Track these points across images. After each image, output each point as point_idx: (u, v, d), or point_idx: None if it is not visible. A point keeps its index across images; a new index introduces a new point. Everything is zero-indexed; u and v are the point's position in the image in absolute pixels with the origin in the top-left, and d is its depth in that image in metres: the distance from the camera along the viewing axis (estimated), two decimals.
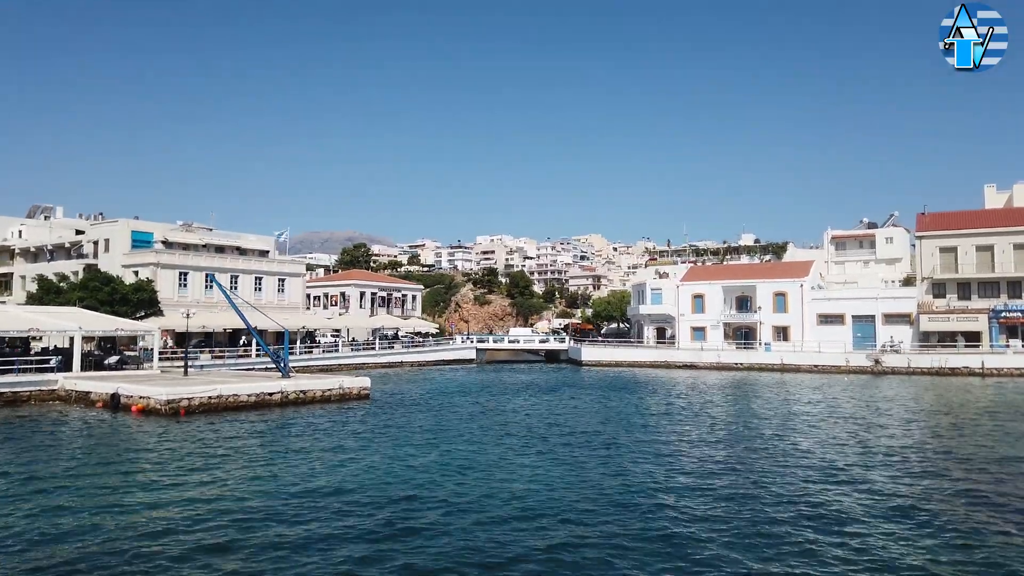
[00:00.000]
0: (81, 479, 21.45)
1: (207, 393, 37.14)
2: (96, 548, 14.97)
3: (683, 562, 14.45)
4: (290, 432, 31.28)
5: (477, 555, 14.86)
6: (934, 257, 74.49)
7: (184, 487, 20.59)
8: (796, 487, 20.91)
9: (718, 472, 23.09)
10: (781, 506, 18.67)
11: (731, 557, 14.64)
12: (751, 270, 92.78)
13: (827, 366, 70.25)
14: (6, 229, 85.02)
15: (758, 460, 25.21)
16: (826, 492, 20.23)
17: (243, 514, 17.73)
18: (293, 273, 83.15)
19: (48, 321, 44.91)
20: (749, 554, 14.85)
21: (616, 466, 24.01)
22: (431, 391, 51.36)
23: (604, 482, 21.48)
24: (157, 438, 29.10)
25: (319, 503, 18.91)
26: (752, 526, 16.78)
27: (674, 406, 42.38)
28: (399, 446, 27.89)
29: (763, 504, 18.84)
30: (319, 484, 21.08)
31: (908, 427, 34.22)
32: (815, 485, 21.17)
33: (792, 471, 23.27)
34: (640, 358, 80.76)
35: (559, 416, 37.56)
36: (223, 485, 21.00)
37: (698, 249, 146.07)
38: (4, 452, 25.75)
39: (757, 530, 16.38)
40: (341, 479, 21.80)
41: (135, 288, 57.52)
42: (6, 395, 39.75)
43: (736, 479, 22.01)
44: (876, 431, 32.57)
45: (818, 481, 21.76)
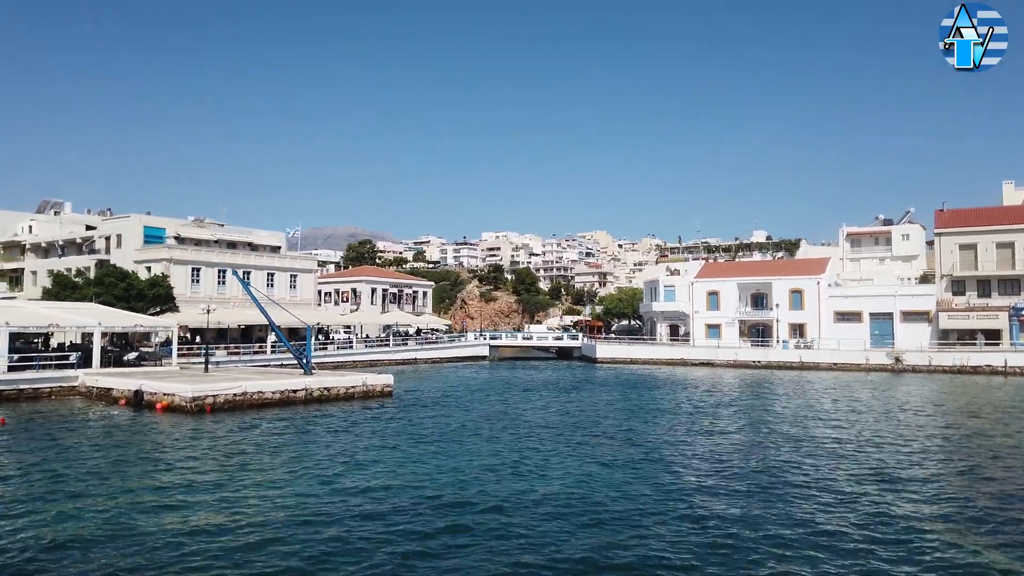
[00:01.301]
0: (122, 479, 20.86)
1: (232, 390, 36.57)
2: (160, 549, 14.42)
3: (732, 564, 13.95)
4: (326, 430, 30.70)
5: (533, 554, 14.41)
6: (953, 254, 73.80)
7: (235, 486, 20.01)
8: (850, 489, 20.31)
9: (766, 471, 22.49)
10: (837, 508, 18.10)
11: (786, 556, 14.07)
12: (767, 267, 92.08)
13: (846, 364, 69.57)
14: (16, 224, 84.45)
15: (805, 460, 24.61)
16: (881, 495, 19.60)
17: (306, 513, 17.26)
18: (305, 269, 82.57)
19: (67, 317, 44.33)
20: (808, 561, 14.27)
21: (659, 467, 23.42)
22: (452, 389, 50.78)
23: (650, 482, 20.89)
24: (191, 436, 28.50)
25: (369, 502, 18.34)
26: (813, 534, 16.13)
27: (704, 404, 41.77)
28: (440, 446, 27.28)
29: (819, 507, 18.25)
30: (369, 483, 20.51)
31: (950, 426, 33.61)
32: (869, 487, 20.58)
33: (841, 471, 22.68)
34: (655, 355, 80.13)
35: (590, 415, 36.95)
36: (276, 486, 20.41)
37: (710, 246, 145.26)
38: (36, 452, 25.17)
39: (818, 541, 15.55)
40: (390, 478, 21.22)
41: (150, 284, 56.97)
42: (26, 391, 39.25)
43: (787, 480, 21.41)
44: (919, 430, 31.97)
45: (870, 482, 21.18)
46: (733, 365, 73.89)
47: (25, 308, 46.07)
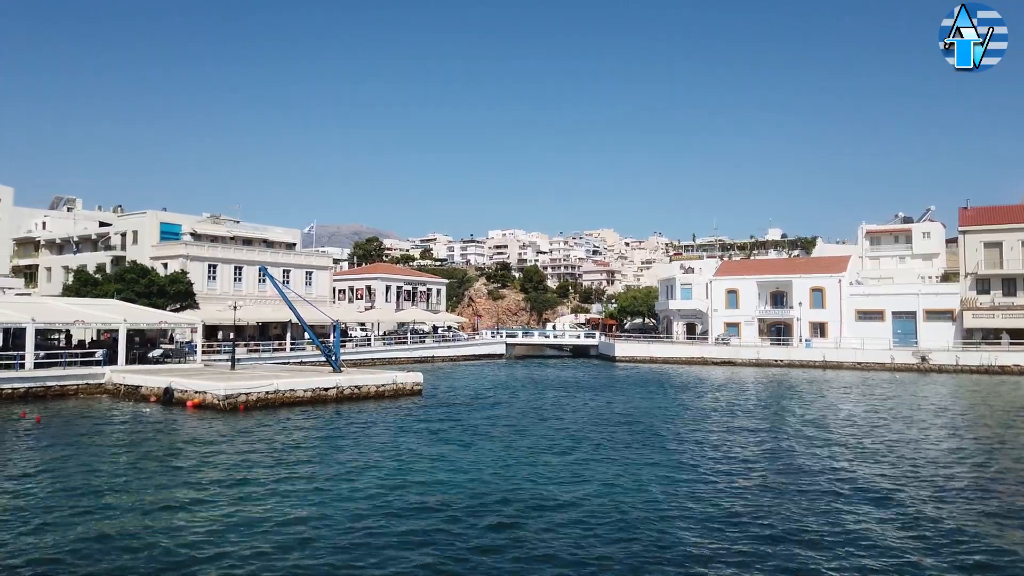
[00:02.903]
0: (175, 477, 20.20)
1: (264, 388, 35.91)
2: (233, 548, 13.75)
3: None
4: (368, 428, 30.02)
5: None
6: (978, 252, 72.93)
7: (300, 485, 19.34)
8: (903, 495, 19.60)
9: (817, 472, 21.79)
10: (893, 512, 17.40)
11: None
12: (787, 265, 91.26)
13: (870, 363, 68.82)
14: (29, 221, 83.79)
15: (858, 466, 23.90)
16: (940, 505, 18.88)
17: (375, 512, 16.61)
18: (320, 266, 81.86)
19: (93, 313, 43.66)
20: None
21: (706, 469, 22.73)
22: (480, 387, 50.09)
23: (709, 483, 20.21)
24: (235, 434, 27.80)
25: (435, 501, 17.68)
26: (871, 548, 15.45)
27: (738, 406, 41.07)
28: (491, 446, 26.58)
29: (876, 517, 17.53)
30: (433, 480, 19.85)
31: (997, 429, 32.89)
32: (920, 493, 19.88)
33: (890, 474, 21.98)
34: (675, 354, 79.39)
35: (630, 415, 36.25)
36: (338, 484, 19.74)
37: (725, 244, 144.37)
38: (79, 450, 24.49)
39: (878, 560, 14.94)
40: (437, 480, 20.55)
41: (171, 280, 56.23)
42: (53, 388, 38.62)
43: (844, 485, 20.71)
44: (967, 432, 31.26)
45: (922, 486, 20.48)
46: (755, 364, 73.13)
47: (49, 304, 45.43)
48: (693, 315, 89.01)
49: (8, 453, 23.83)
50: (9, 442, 25.90)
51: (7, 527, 15.56)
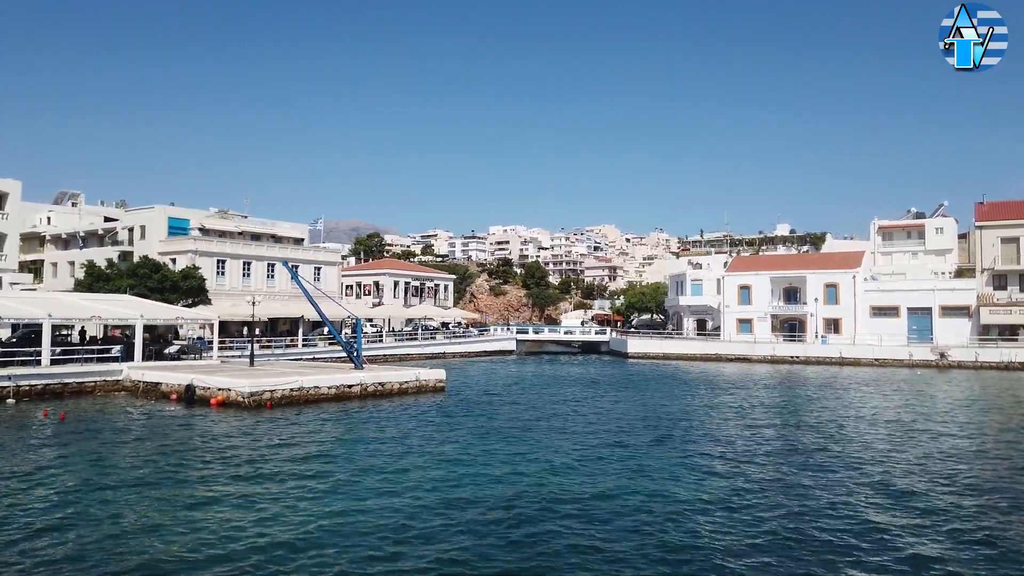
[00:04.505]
0: (222, 479, 19.39)
1: (289, 385, 35.09)
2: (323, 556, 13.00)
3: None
4: (402, 425, 29.23)
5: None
6: (995, 248, 72.35)
7: (355, 484, 18.55)
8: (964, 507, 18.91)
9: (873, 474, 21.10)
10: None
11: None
12: (800, 261, 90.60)
13: (888, 360, 68.23)
14: (34, 216, 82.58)
15: (920, 481, 23.21)
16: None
17: (441, 504, 15.93)
18: (329, 261, 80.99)
19: (108, 309, 42.76)
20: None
21: (754, 471, 22.02)
22: (500, 384, 49.34)
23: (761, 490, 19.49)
24: (276, 434, 26.94)
25: (470, 504, 16.93)
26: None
27: (768, 404, 40.40)
28: (527, 444, 25.82)
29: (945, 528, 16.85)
30: (481, 476, 19.10)
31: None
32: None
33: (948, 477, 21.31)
34: (689, 351, 78.70)
35: (659, 414, 35.54)
36: (395, 482, 18.98)
37: (733, 239, 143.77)
38: (109, 448, 23.64)
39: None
40: (486, 476, 19.81)
41: (184, 275, 55.31)
42: (71, 386, 37.66)
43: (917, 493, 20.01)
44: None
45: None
46: (770, 361, 72.48)
47: (64, 300, 44.50)
48: (703, 311, 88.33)
49: (38, 452, 22.95)
50: (36, 441, 25.03)
51: (69, 531, 14.76)
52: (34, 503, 17.05)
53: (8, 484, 18.75)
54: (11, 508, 16.52)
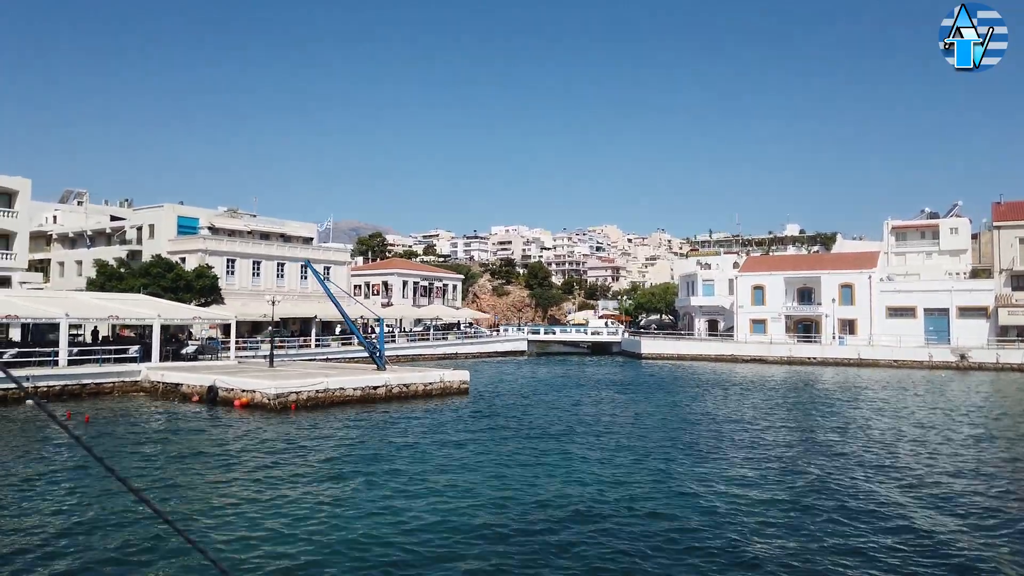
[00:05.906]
0: (267, 484, 18.56)
1: (315, 387, 34.25)
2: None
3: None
4: (436, 428, 28.40)
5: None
6: (1013, 248, 71.62)
7: (406, 489, 17.73)
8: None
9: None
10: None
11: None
12: (814, 261, 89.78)
13: (907, 361, 67.45)
14: (40, 215, 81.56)
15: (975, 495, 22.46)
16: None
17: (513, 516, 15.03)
18: (339, 261, 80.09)
19: (126, 308, 41.87)
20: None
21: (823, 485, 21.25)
22: (521, 385, 48.54)
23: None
24: (306, 435, 26.14)
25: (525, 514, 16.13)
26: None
27: (799, 408, 39.63)
28: (571, 451, 25.01)
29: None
30: (538, 478, 18.30)
31: None
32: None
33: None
34: (703, 351, 77.89)
35: (690, 419, 34.77)
36: (441, 486, 18.17)
37: (742, 240, 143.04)
38: (137, 450, 22.79)
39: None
40: (525, 480, 19.01)
41: (197, 275, 54.43)
42: (89, 387, 36.78)
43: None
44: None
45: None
46: (786, 362, 71.68)
47: (80, 299, 43.60)
48: (715, 311, 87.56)
49: (71, 454, 22.10)
50: (64, 443, 24.16)
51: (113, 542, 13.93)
52: (86, 503, 16.21)
53: (51, 489, 17.93)
54: (51, 513, 15.70)
